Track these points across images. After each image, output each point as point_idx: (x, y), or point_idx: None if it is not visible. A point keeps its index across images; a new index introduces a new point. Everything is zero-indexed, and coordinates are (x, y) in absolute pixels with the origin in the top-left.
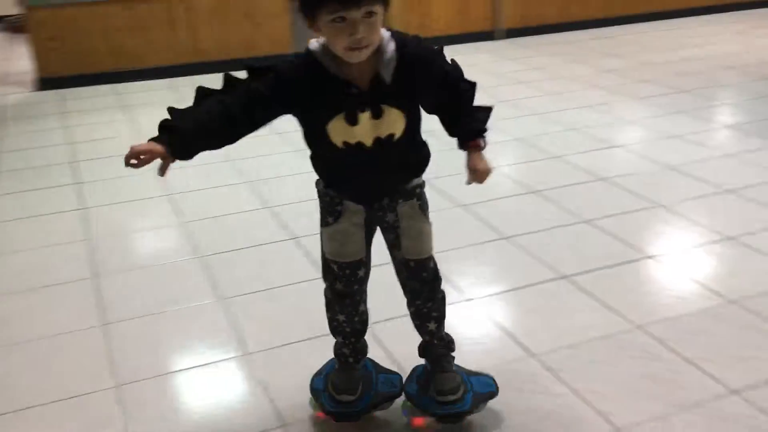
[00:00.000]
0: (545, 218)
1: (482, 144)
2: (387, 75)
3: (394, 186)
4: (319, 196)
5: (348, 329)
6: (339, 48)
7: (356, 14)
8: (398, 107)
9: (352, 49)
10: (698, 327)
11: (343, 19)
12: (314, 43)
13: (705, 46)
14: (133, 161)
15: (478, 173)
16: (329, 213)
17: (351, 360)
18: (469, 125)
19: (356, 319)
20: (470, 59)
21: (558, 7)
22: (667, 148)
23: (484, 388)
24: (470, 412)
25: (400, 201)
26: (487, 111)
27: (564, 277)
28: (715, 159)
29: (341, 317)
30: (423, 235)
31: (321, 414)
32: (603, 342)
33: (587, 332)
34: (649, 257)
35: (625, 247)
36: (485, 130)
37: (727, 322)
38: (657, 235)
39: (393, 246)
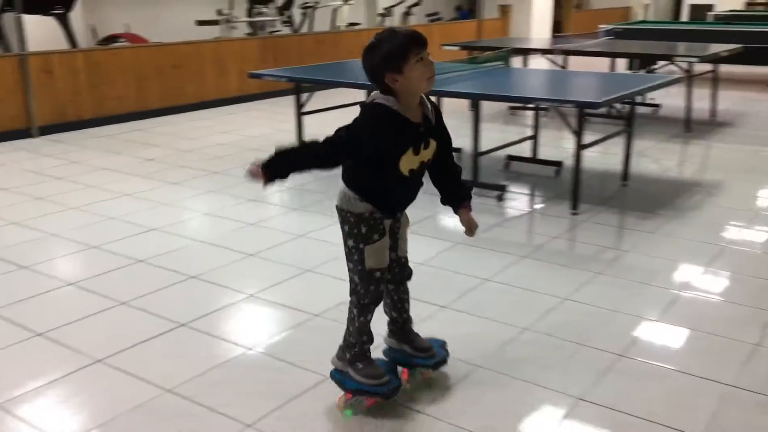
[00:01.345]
0: (82, 308)
1: (470, 206)
2: (432, 118)
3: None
4: (362, 221)
5: (363, 326)
6: (422, 81)
7: (427, 53)
8: (435, 140)
9: (429, 78)
10: (221, 378)
11: (421, 58)
12: (382, 99)
13: (234, 132)
14: None
15: (473, 225)
16: (375, 232)
17: (370, 347)
18: (463, 191)
19: (386, 309)
20: (7, 158)
21: (94, 102)
22: (201, 224)
23: (437, 343)
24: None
25: (404, 212)
26: (469, 183)
27: (98, 360)
28: (242, 229)
29: (370, 318)
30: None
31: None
32: (136, 411)
33: (119, 407)
34: (182, 324)
35: (160, 320)
36: (471, 197)
37: (245, 367)
38: (190, 303)
39: (391, 248)
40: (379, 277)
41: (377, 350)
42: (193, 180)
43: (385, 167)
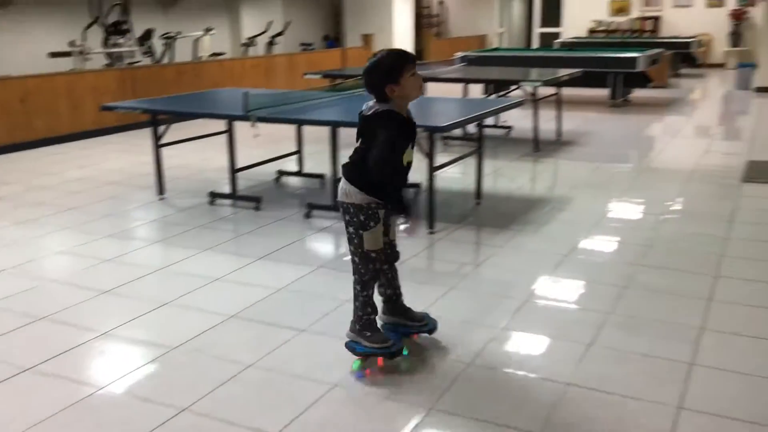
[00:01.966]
0: None
1: None
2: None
3: None
4: (362, 210)
5: (368, 299)
6: (415, 91)
7: (416, 69)
8: None
9: (419, 88)
10: (71, 419)
11: (413, 73)
12: (388, 107)
13: (90, 167)
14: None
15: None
16: (371, 219)
17: (375, 317)
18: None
19: (381, 289)
20: None
21: None
22: (54, 263)
23: (427, 316)
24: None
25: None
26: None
27: None
28: (98, 266)
29: (368, 292)
30: None
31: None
32: None
33: None
34: (27, 369)
35: (3, 366)
36: None
37: (94, 408)
38: (39, 346)
39: (384, 233)
40: (375, 258)
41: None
42: (47, 217)
43: (390, 156)
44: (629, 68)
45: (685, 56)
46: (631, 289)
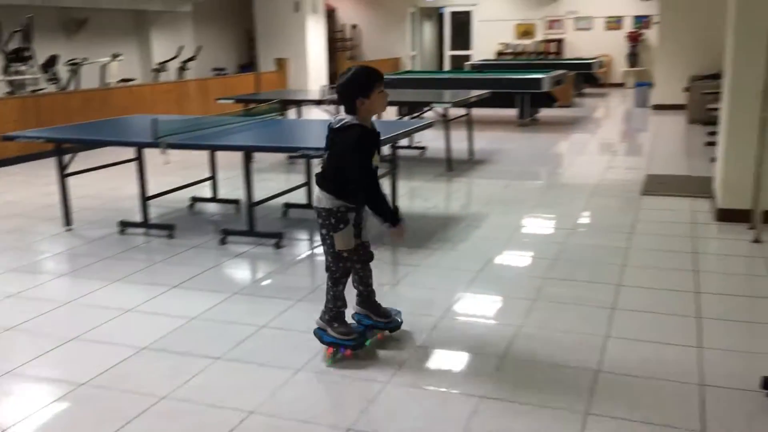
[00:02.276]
0: None
1: None
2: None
3: None
4: (332, 214)
5: (342, 292)
6: (381, 106)
7: (383, 87)
8: None
9: (385, 104)
10: None
11: (382, 90)
12: (354, 120)
13: None
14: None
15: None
16: (341, 222)
17: (344, 310)
18: None
19: (355, 284)
20: None
21: None
22: None
23: (395, 312)
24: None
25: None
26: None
27: None
28: (0, 302)
29: (338, 288)
30: None
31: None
32: None
33: None
34: None
35: None
36: None
37: None
38: None
39: (356, 236)
40: (346, 257)
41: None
42: None
43: (365, 166)
44: (535, 89)
45: (588, 76)
46: (541, 302)
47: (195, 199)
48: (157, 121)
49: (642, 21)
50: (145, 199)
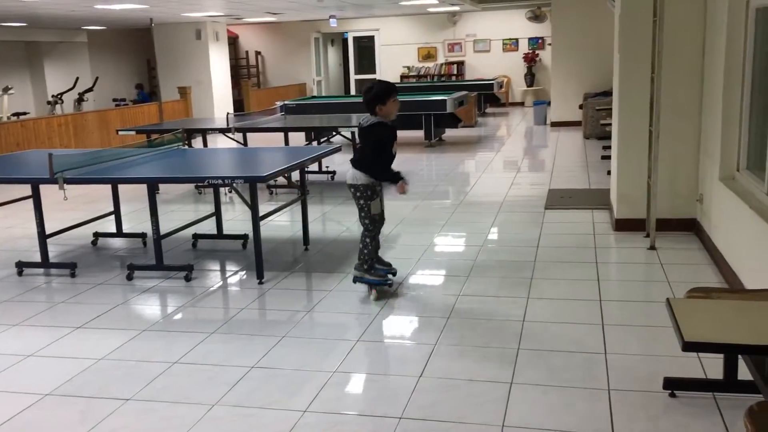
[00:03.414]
0: None
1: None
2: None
3: None
4: (368, 188)
5: (373, 248)
6: (395, 111)
7: (397, 96)
8: None
9: (397, 110)
10: None
11: (395, 99)
12: (375, 119)
13: None
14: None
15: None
16: (374, 193)
17: (373, 262)
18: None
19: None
20: None
21: None
22: None
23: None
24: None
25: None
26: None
27: None
28: None
29: (373, 243)
30: None
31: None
32: None
33: None
34: None
35: None
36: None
37: None
38: None
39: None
40: (378, 219)
41: None
42: None
43: (386, 151)
44: (440, 110)
45: (489, 97)
46: (454, 318)
47: (98, 235)
48: (52, 156)
49: (536, 42)
50: (43, 237)
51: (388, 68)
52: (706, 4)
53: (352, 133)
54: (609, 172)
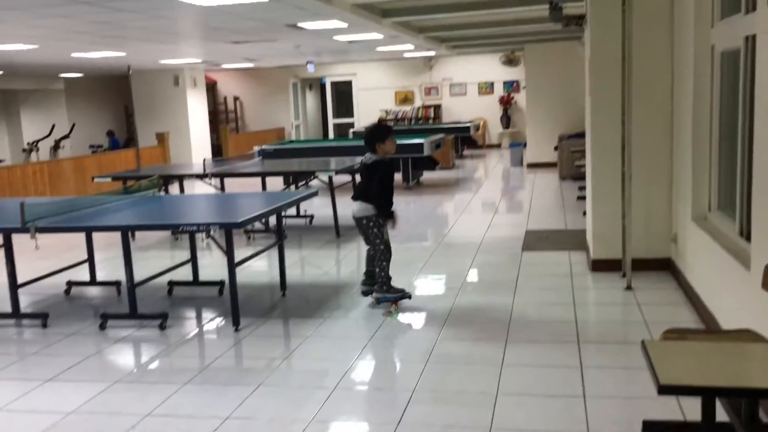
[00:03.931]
0: None
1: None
2: None
3: None
4: (376, 216)
5: (389, 268)
6: (392, 148)
7: (393, 135)
8: None
9: (394, 147)
10: None
11: (392, 138)
12: (376, 157)
13: None
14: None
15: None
16: (381, 224)
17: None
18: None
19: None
20: None
21: None
22: None
23: None
24: None
25: None
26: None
27: None
28: None
29: (388, 264)
30: None
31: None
32: None
33: None
34: None
35: None
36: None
37: None
38: None
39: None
40: (388, 243)
41: None
42: None
43: (390, 185)
44: (417, 153)
45: (466, 139)
46: (433, 363)
47: (71, 284)
48: (23, 205)
49: (511, 86)
50: (14, 287)
51: (366, 112)
52: (673, 48)
53: (330, 178)
54: (585, 213)
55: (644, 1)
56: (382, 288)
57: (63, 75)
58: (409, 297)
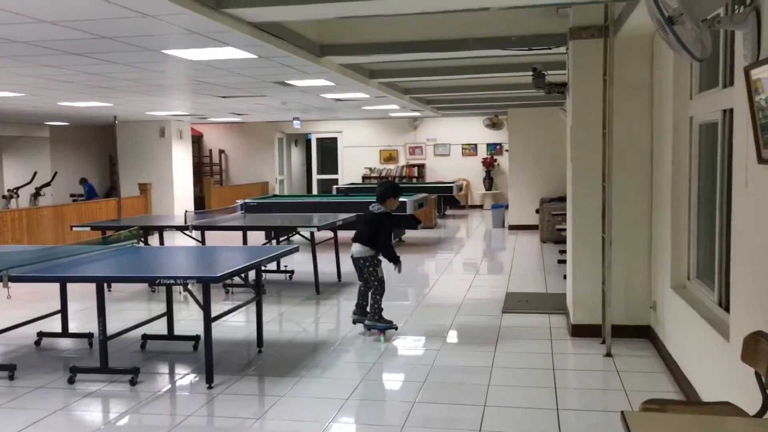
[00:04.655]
0: None
1: None
2: None
3: None
4: (373, 257)
5: (380, 303)
6: (397, 204)
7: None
8: None
9: (398, 204)
10: None
11: (400, 197)
12: (384, 209)
13: None
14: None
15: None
16: (379, 262)
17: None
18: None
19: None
20: None
21: None
22: None
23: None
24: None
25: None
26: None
27: None
28: None
29: (381, 297)
30: None
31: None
32: None
33: None
34: None
35: None
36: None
37: None
38: None
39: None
40: (383, 280)
41: None
42: None
43: (390, 234)
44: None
45: (449, 199)
46: (409, 427)
47: (42, 335)
48: None
49: (495, 148)
50: None
51: (351, 169)
52: (652, 118)
53: (312, 233)
54: (565, 277)
55: (625, 72)
56: (373, 317)
57: (49, 123)
58: (396, 328)
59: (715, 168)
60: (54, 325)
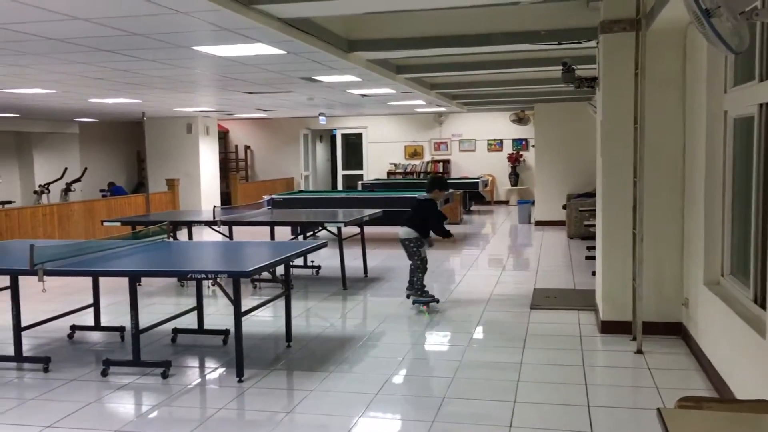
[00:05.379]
0: None
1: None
2: None
3: None
4: (418, 239)
5: (423, 278)
6: (443, 195)
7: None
8: None
9: (443, 196)
10: None
11: (445, 189)
12: (430, 196)
13: None
14: None
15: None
16: (422, 244)
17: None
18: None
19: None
20: None
21: None
22: None
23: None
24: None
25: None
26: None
27: None
28: None
29: (423, 275)
30: None
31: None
32: None
33: None
34: None
35: None
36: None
37: None
38: None
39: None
40: (425, 259)
41: None
42: None
43: (439, 216)
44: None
45: (474, 195)
46: (439, 422)
47: (75, 328)
48: (33, 248)
49: (520, 144)
50: (18, 330)
51: (376, 165)
52: (685, 112)
53: (338, 229)
54: (594, 273)
55: (656, 65)
56: (417, 293)
57: (78, 119)
58: (437, 302)
59: (750, 162)
60: (86, 318)
